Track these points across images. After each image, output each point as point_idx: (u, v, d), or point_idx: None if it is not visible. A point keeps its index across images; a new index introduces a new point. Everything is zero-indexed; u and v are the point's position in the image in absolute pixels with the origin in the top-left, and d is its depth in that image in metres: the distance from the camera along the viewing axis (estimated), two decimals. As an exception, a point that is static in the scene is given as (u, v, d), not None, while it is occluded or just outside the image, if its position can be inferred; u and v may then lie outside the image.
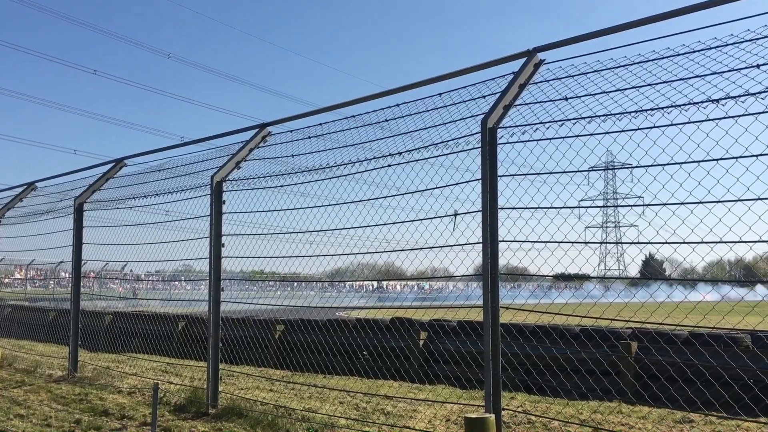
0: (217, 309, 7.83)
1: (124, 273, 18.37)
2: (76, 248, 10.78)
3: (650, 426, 6.58)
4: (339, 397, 8.21)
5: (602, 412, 7.23)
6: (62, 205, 11.72)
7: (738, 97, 4.47)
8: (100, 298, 19.63)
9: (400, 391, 8.56)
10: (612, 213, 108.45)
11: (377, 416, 7.19)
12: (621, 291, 6.18)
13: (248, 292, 30.42)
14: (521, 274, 6.35)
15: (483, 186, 5.40)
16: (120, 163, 10.86)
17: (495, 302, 5.26)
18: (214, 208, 7.98)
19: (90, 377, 10.03)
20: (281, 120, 8.37)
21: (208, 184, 8.08)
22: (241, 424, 6.94)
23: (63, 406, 8.17)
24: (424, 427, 6.61)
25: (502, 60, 6.11)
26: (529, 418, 6.85)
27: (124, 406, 7.97)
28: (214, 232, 7.92)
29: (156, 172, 9.85)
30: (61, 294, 22.64)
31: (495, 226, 5.35)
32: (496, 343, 5.21)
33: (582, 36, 5.54)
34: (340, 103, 7.76)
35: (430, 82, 6.76)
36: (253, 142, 8.25)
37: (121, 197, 10.30)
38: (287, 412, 7.24)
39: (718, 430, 6.28)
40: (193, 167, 9.12)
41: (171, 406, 7.93)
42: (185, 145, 9.97)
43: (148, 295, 26.17)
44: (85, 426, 6.99)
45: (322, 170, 7.33)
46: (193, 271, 12.19)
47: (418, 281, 8.79)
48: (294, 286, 31.01)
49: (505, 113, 5.58)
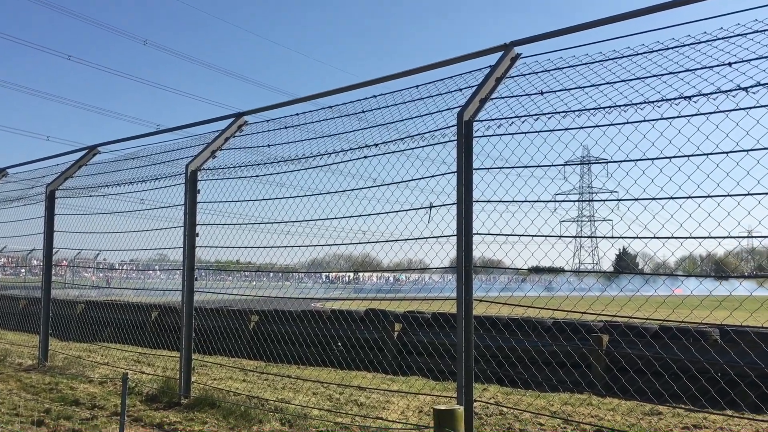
0: (191, 299, 7.77)
1: (97, 262, 18.16)
2: (47, 236, 10.63)
3: (619, 418, 6.68)
4: (312, 388, 8.21)
5: (573, 404, 7.32)
6: (34, 192, 11.55)
7: (710, 94, 4.53)
8: (72, 286, 19.40)
9: (373, 382, 8.58)
10: (587, 207, 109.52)
11: (350, 407, 7.20)
12: (593, 284, 6.24)
13: (223, 282, 30.23)
14: (496, 267, 6.39)
15: (458, 179, 5.41)
16: (93, 150, 10.72)
17: (468, 294, 5.28)
18: (189, 197, 7.91)
19: (61, 366, 9.92)
20: (258, 109, 8.31)
21: (183, 173, 8.00)
22: (213, 414, 6.92)
23: (32, 395, 8.07)
24: (397, 417, 6.64)
25: (480, 53, 6.12)
26: (501, 409, 6.91)
27: (95, 396, 7.90)
28: (188, 222, 7.85)
29: (130, 159, 9.74)
30: (33, 282, 22.35)
31: (470, 218, 5.36)
32: (469, 335, 5.24)
33: (559, 31, 5.57)
34: (317, 94, 7.73)
35: (407, 74, 6.75)
36: (228, 131, 8.19)
37: (94, 185, 10.16)
38: (260, 403, 7.23)
39: (685, 422, 6.39)
40: (168, 155, 9.03)
41: (143, 396, 7.87)
42: (160, 133, 9.87)
43: (123, 284, 25.92)
44: (55, 415, 6.91)
45: (299, 161, 7.31)
46: (168, 261, 12.09)
47: (393, 273, 8.81)
48: (270, 277, 30.92)
49: (482, 106, 5.59)
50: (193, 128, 9.18)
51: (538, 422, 6.50)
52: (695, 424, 6.31)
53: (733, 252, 5.34)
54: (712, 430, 6.16)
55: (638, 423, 6.45)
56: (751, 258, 7.97)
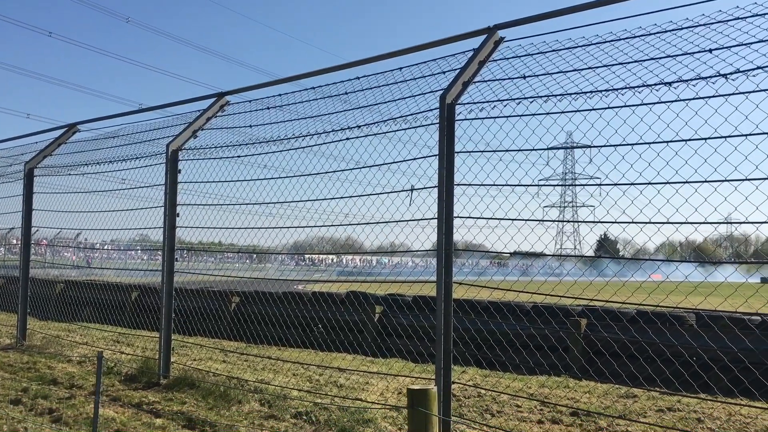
0: (171, 279, 7.74)
1: (78, 241, 18.01)
2: (26, 215, 10.52)
3: (595, 400, 6.77)
4: (293, 369, 8.24)
5: (549, 386, 7.41)
6: (12, 170, 11.40)
7: (690, 80, 4.55)
8: (51, 266, 19.23)
9: (353, 364, 8.62)
10: (568, 193, 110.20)
11: (330, 388, 7.24)
12: (571, 269, 6.30)
13: (205, 263, 30.10)
14: (476, 250, 6.41)
15: (440, 162, 5.41)
16: (73, 128, 10.60)
17: (448, 277, 5.30)
18: (169, 177, 7.85)
19: (39, 346, 9.86)
20: (240, 89, 8.25)
21: (164, 153, 7.94)
22: (192, 394, 6.92)
23: (10, 374, 8.02)
24: (376, 399, 6.69)
25: (463, 36, 6.10)
26: (479, 391, 6.97)
27: (74, 376, 7.87)
28: (168, 202, 7.80)
29: (110, 138, 9.64)
30: (12, 261, 22.10)
31: (450, 202, 5.37)
32: (449, 318, 5.27)
33: (543, 14, 5.56)
34: (300, 74, 7.68)
35: (391, 56, 6.73)
36: (210, 111, 8.13)
37: (73, 163, 10.05)
38: (240, 384, 7.24)
39: (659, 405, 6.49)
40: (149, 135, 8.95)
41: (122, 376, 7.85)
42: (141, 111, 9.76)
43: (104, 264, 25.71)
44: (33, 394, 6.88)
45: (281, 141, 7.27)
46: (150, 241, 12.01)
47: (374, 255, 8.82)
48: (253, 258, 30.87)
49: (464, 89, 5.59)
50: (174, 107, 9.10)
51: (515, 404, 6.57)
52: (669, 407, 6.42)
53: (711, 238, 5.41)
54: (686, 412, 6.26)
55: (613, 405, 6.55)
56: (729, 244, 8.08)
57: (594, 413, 6.16)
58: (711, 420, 6.06)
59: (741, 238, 7.82)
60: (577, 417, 6.11)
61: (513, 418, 6.14)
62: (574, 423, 5.98)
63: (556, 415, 6.20)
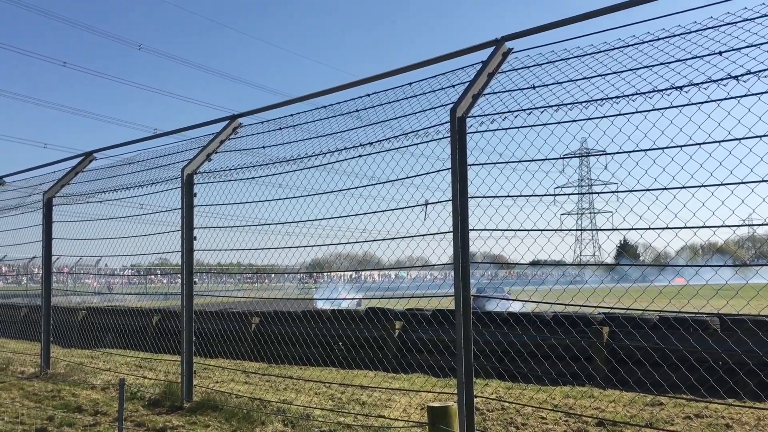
0: (190, 303, 7.78)
1: (98, 268, 18.17)
2: (45, 244, 10.63)
3: (621, 409, 6.69)
4: (314, 388, 8.22)
5: (574, 396, 7.33)
6: (31, 200, 11.56)
7: (701, 84, 4.53)
8: (73, 293, 19.41)
9: (375, 380, 8.59)
10: (585, 199, 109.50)
11: (352, 406, 7.21)
12: (591, 276, 6.25)
13: (225, 284, 30.22)
14: (493, 262, 6.39)
15: (453, 175, 5.41)
16: (89, 156, 10.73)
17: (466, 291, 5.28)
18: (185, 201, 7.91)
19: (63, 374, 9.93)
20: (252, 111, 8.32)
21: (179, 177, 8.01)
22: (215, 417, 6.93)
23: (35, 403, 8.08)
24: (399, 415, 6.65)
25: (471, 49, 6.12)
26: (503, 404, 6.92)
27: (98, 402, 7.91)
28: (185, 226, 7.86)
29: (126, 165, 9.75)
30: (34, 290, 22.34)
31: (465, 215, 5.36)
32: (468, 331, 5.24)
33: (549, 24, 5.56)
34: (311, 94, 7.72)
35: (401, 72, 6.75)
36: (223, 134, 8.19)
37: (90, 191, 10.17)
38: (262, 405, 7.24)
39: (686, 412, 6.40)
40: (164, 160, 9.04)
41: (145, 401, 7.88)
42: (155, 137, 9.87)
43: (124, 289, 25.92)
44: (58, 422, 6.93)
45: (294, 161, 7.31)
46: (169, 264, 12.11)
47: (392, 270, 8.82)
48: (272, 278, 30.94)
49: (474, 102, 5.59)
50: (188, 132, 9.20)
51: (540, 416, 6.51)
52: (696, 414, 6.32)
53: (732, 240, 5.36)
54: (714, 419, 6.16)
55: (639, 414, 6.46)
56: (752, 246, 7.96)
57: (620, 423, 6.08)
58: (739, 425, 5.97)
59: (763, 238, 7.81)
60: (603, 427, 6.03)
61: (538, 430, 6.08)
62: (600, 433, 5.91)
63: (581, 425, 6.13)
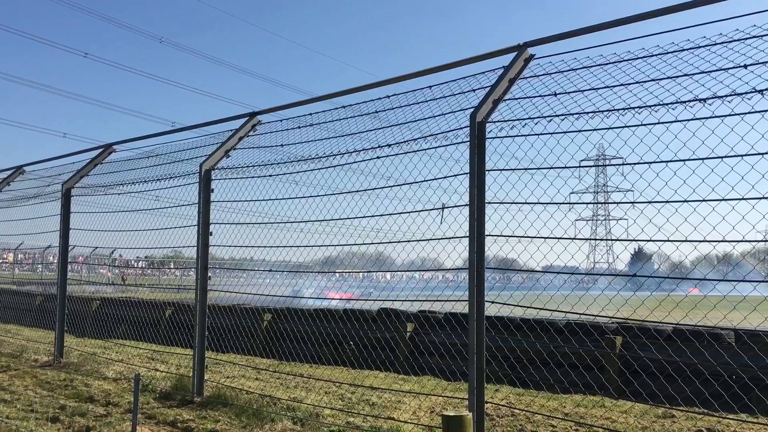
0: (204, 297, 7.82)
1: (113, 258, 18.33)
2: (63, 234, 10.73)
3: (633, 420, 6.64)
4: (325, 387, 8.24)
5: (585, 405, 7.29)
6: (50, 189, 11.67)
7: (725, 96, 4.49)
8: (88, 283, 19.57)
9: (385, 382, 8.59)
10: (601, 207, 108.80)
11: (362, 407, 7.21)
12: (606, 287, 6.21)
13: (238, 279, 30.32)
14: (507, 269, 6.37)
15: (471, 180, 5.40)
16: (109, 148, 10.81)
17: (480, 296, 5.27)
18: (203, 196, 7.96)
19: (76, 363, 10.02)
20: (272, 109, 8.35)
21: (197, 172, 8.05)
22: (225, 412, 6.96)
23: (48, 391, 8.15)
24: (408, 418, 6.64)
25: (493, 54, 6.10)
26: (513, 411, 6.89)
27: (110, 393, 7.97)
28: (201, 221, 7.90)
29: (145, 158, 9.81)
30: (49, 278, 22.55)
31: (482, 220, 5.35)
32: (481, 337, 5.23)
33: (572, 32, 5.54)
34: (330, 94, 7.74)
35: (421, 74, 6.75)
36: (242, 131, 8.23)
37: (109, 183, 10.25)
38: (272, 402, 7.26)
39: (698, 426, 6.34)
40: (183, 154, 9.09)
41: (156, 394, 7.93)
42: (174, 132, 9.93)
43: (138, 280, 26.08)
44: (70, 412, 6.99)
45: (311, 160, 7.33)
46: (183, 257, 12.18)
47: (407, 272, 8.80)
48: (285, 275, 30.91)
49: (495, 107, 5.58)
50: (207, 127, 9.25)
51: (550, 424, 6.48)
52: (709, 428, 6.26)
53: (751, 252, 5.32)
54: (726, 434, 6.10)
55: (651, 426, 6.41)
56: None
57: (631, 434, 6.04)
58: (753, 442, 5.90)
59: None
60: (614, 438, 5.99)
61: (548, 438, 6.05)
62: (611, 444, 5.87)
63: (591, 435, 6.09)
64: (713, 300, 4.73)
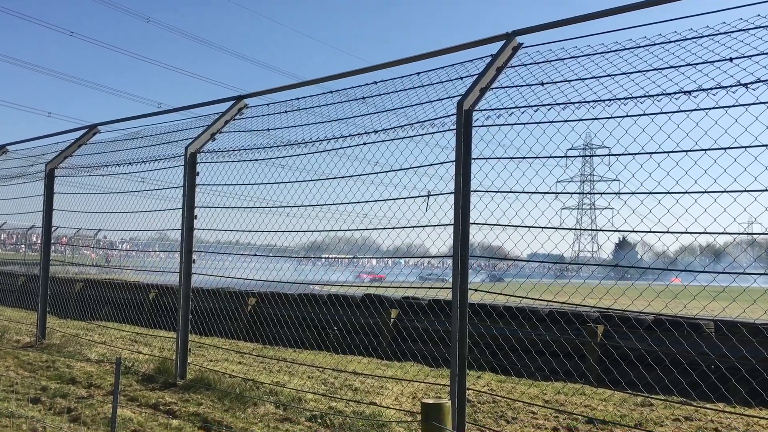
0: (188, 281, 7.80)
1: (97, 240, 18.18)
2: (46, 214, 10.64)
3: (611, 408, 6.72)
4: (308, 372, 8.26)
5: (566, 393, 7.37)
6: (33, 170, 11.55)
7: (710, 89, 4.51)
8: (71, 264, 19.43)
9: (368, 367, 8.63)
10: (587, 195, 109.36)
11: (345, 392, 7.25)
12: (588, 276, 6.27)
13: (223, 262, 30.25)
14: (492, 257, 6.40)
15: (456, 168, 5.40)
16: (93, 129, 10.71)
17: (464, 284, 5.29)
18: (188, 180, 7.91)
19: (58, 344, 9.98)
20: (259, 92, 8.31)
21: (182, 155, 8.00)
22: (208, 396, 6.97)
23: (29, 372, 8.12)
24: (391, 403, 6.69)
25: (481, 42, 6.08)
26: (494, 397, 6.95)
27: (92, 375, 7.95)
28: (186, 204, 7.86)
29: (129, 140, 9.73)
30: (32, 258, 22.38)
31: (467, 208, 5.36)
32: (464, 324, 5.26)
33: (561, 21, 5.53)
34: (318, 78, 7.72)
35: (409, 61, 6.73)
36: (228, 114, 8.18)
37: (93, 164, 10.17)
38: (255, 386, 7.28)
39: (676, 414, 6.44)
40: (168, 137, 9.02)
41: (139, 376, 7.93)
42: (160, 113, 9.85)
43: (122, 262, 25.86)
44: (52, 393, 6.97)
45: (297, 145, 7.31)
46: (168, 240, 12.12)
47: (391, 258, 8.83)
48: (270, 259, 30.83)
49: (482, 96, 5.57)
50: (194, 109, 9.19)
51: (530, 411, 6.54)
52: (687, 417, 6.36)
53: (733, 244, 5.38)
54: (703, 422, 6.20)
55: (630, 414, 6.50)
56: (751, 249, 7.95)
57: (610, 422, 6.12)
58: (728, 430, 6.00)
59: (765, 243, 7.81)
60: (593, 425, 6.07)
61: (528, 425, 6.12)
62: (590, 431, 5.94)
63: (571, 422, 6.16)
64: (694, 290, 4.78)
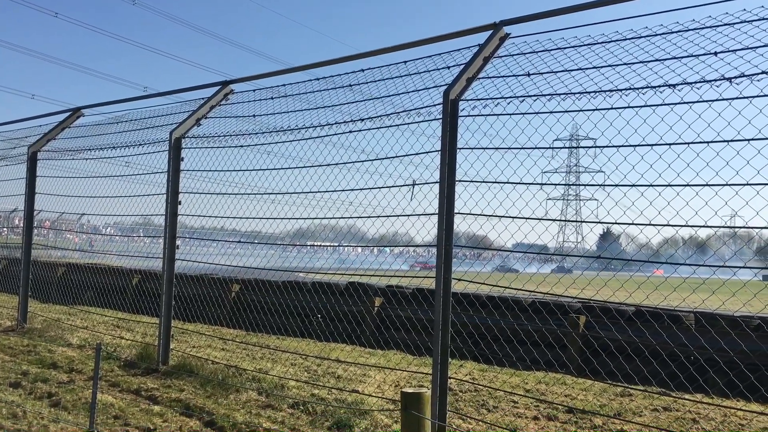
0: (171, 267, 7.76)
1: (80, 224, 18.04)
2: (28, 198, 10.54)
3: (592, 398, 6.79)
4: (291, 359, 8.27)
5: (547, 383, 7.43)
6: (16, 152, 11.43)
7: (694, 83, 4.54)
8: (54, 248, 19.27)
9: (351, 355, 8.65)
10: (572, 187, 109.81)
11: (327, 379, 7.27)
12: (572, 266, 6.31)
13: (207, 248, 30.16)
14: (477, 247, 6.42)
15: (442, 158, 5.40)
16: (77, 112, 10.60)
17: (447, 273, 5.30)
18: (172, 165, 7.86)
19: (39, 329, 9.91)
20: (245, 78, 8.26)
21: (167, 140, 7.94)
22: (191, 382, 6.96)
23: (10, 357, 8.07)
24: (373, 391, 6.72)
25: (469, 31, 6.07)
26: (476, 386, 7.00)
27: (73, 360, 7.91)
28: (171, 190, 7.81)
29: (114, 124, 9.65)
30: (15, 242, 22.16)
31: (452, 198, 5.36)
32: (447, 312, 5.28)
33: (549, 12, 5.53)
34: (305, 65, 7.67)
35: (397, 49, 6.71)
36: (214, 100, 8.12)
37: (77, 148, 10.07)
38: (238, 372, 7.28)
39: (655, 405, 6.51)
40: (153, 121, 8.96)
41: (121, 362, 7.90)
42: (145, 98, 9.79)
43: (105, 247, 25.68)
44: (33, 378, 6.93)
45: (283, 132, 7.28)
46: (152, 225, 12.05)
47: (376, 246, 8.85)
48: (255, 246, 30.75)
49: (468, 86, 5.57)
50: (180, 94, 9.10)
51: (511, 400, 6.60)
52: (665, 407, 6.43)
53: (714, 236, 5.45)
54: (681, 413, 6.28)
55: (609, 404, 6.57)
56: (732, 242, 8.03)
57: (589, 412, 6.18)
58: (706, 421, 6.08)
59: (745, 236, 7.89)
60: (573, 414, 6.13)
61: (509, 413, 6.17)
62: (570, 420, 6.00)
63: (552, 411, 6.22)
64: (675, 282, 4.83)
